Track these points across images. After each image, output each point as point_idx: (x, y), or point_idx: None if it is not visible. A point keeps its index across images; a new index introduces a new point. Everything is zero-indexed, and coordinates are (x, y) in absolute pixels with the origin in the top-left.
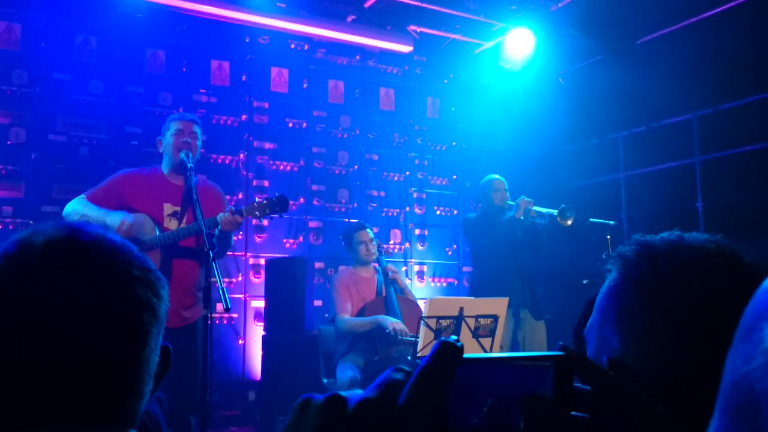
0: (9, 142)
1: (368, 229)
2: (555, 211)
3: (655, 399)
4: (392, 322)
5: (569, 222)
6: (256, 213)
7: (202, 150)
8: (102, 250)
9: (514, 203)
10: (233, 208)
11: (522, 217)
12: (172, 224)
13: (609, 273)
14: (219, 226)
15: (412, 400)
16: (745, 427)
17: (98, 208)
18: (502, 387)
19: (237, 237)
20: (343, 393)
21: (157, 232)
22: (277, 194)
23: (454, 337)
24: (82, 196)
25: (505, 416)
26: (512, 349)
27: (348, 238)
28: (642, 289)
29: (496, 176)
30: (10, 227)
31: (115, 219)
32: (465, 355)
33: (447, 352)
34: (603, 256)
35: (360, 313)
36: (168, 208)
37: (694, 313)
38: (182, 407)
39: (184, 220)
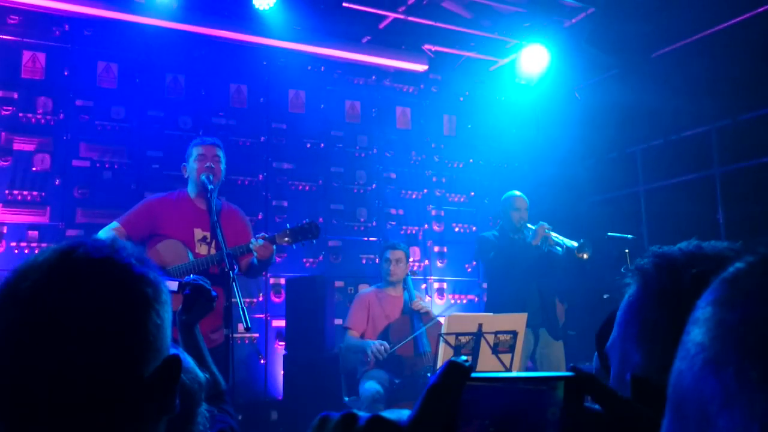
0: (34, 169)
1: (398, 250)
2: (574, 245)
3: None
4: (373, 349)
5: (586, 256)
6: (287, 240)
7: None
8: (102, 258)
9: (533, 228)
10: (265, 235)
11: (540, 244)
12: (202, 249)
13: (628, 287)
14: (254, 254)
15: (420, 417)
16: (680, 421)
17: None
18: (506, 408)
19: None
20: (357, 411)
21: (190, 257)
22: (307, 220)
23: (463, 357)
24: (115, 224)
25: None
26: (530, 369)
27: (380, 253)
28: (664, 302)
29: (517, 193)
30: (36, 251)
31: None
32: (472, 374)
33: (454, 372)
34: (622, 270)
35: (384, 331)
36: (198, 233)
37: None
38: None
39: (213, 245)
